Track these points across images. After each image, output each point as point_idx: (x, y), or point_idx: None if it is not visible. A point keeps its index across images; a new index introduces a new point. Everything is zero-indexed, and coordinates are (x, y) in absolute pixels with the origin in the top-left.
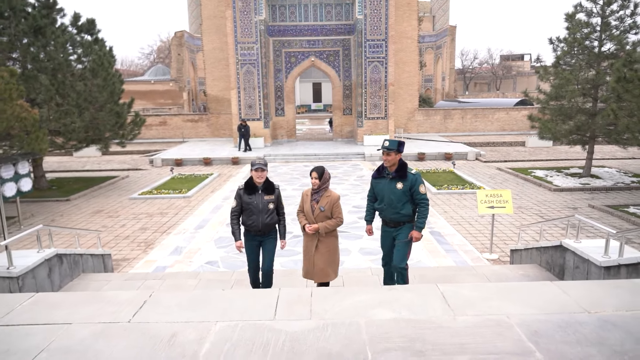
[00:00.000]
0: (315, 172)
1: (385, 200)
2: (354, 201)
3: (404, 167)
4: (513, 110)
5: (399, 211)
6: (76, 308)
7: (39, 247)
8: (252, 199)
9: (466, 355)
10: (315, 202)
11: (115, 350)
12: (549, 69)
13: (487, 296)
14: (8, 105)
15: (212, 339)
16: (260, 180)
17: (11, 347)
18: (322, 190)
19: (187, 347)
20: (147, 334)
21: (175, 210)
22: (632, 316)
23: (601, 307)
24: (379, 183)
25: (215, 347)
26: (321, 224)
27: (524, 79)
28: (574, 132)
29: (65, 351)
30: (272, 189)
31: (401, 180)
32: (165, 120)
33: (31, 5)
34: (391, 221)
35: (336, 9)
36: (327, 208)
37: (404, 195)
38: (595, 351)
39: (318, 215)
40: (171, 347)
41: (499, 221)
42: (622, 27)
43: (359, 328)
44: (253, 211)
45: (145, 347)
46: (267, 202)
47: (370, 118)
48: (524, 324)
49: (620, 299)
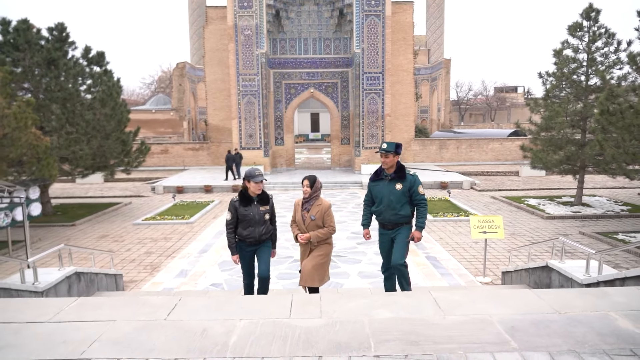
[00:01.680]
0: (307, 180)
1: (384, 202)
2: (353, 227)
3: (403, 169)
4: (507, 141)
5: (398, 212)
6: (117, 309)
7: (60, 264)
8: (248, 211)
9: (453, 344)
10: (306, 211)
11: (157, 341)
12: (539, 101)
13: (473, 300)
14: (23, 133)
15: (238, 332)
16: (259, 192)
17: (67, 339)
18: (313, 199)
19: (217, 339)
20: (182, 329)
21: (178, 235)
22: (595, 315)
23: (570, 309)
24: (377, 185)
25: (242, 339)
26: (312, 233)
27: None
28: (565, 162)
29: (114, 342)
30: (267, 199)
31: (400, 181)
32: (166, 149)
33: (45, 38)
34: (389, 223)
35: (335, 42)
36: (317, 217)
37: (404, 196)
38: (561, 342)
39: (309, 224)
40: (204, 338)
41: (491, 247)
42: (607, 63)
43: (362, 324)
44: (250, 223)
45: (182, 339)
46: (263, 213)
47: (367, 147)
48: (503, 322)
49: (587, 303)
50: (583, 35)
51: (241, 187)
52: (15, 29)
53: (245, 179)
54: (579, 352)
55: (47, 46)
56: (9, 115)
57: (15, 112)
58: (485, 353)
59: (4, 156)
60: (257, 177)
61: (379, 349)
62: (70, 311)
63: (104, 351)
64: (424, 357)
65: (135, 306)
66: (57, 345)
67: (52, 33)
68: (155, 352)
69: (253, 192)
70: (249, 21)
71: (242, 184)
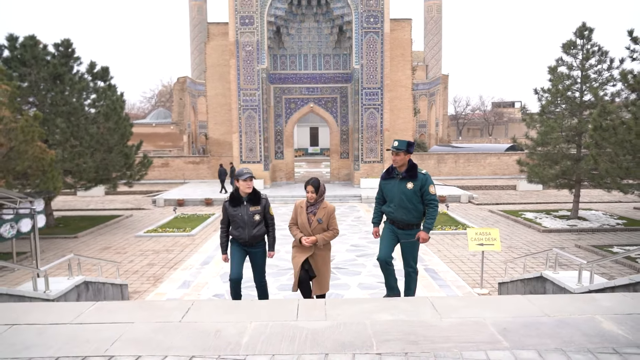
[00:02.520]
0: (311, 186)
1: (395, 201)
2: (352, 240)
3: (415, 167)
4: (504, 155)
5: (410, 211)
6: (134, 312)
7: (69, 274)
8: (237, 211)
9: (450, 344)
10: (312, 214)
11: (174, 341)
12: (535, 116)
13: (468, 305)
14: (29, 146)
15: (249, 333)
16: (248, 190)
17: (90, 338)
18: (319, 203)
19: (230, 339)
20: (196, 330)
21: (180, 247)
22: (582, 318)
23: (559, 313)
24: (388, 184)
25: (253, 339)
26: (319, 236)
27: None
28: (560, 177)
29: (134, 341)
30: (257, 199)
31: (412, 180)
32: (167, 162)
33: (51, 54)
34: (401, 222)
35: (334, 58)
36: (324, 220)
37: (415, 195)
38: (549, 341)
39: (315, 227)
40: (218, 338)
41: (489, 259)
42: (600, 80)
43: (365, 326)
44: (239, 223)
45: (197, 338)
46: (252, 214)
47: (366, 162)
48: (496, 324)
49: (575, 307)
50: (577, 53)
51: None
52: (22, 45)
53: (235, 178)
54: (565, 351)
55: (53, 62)
56: (17, 128)
57: (22, 125)
58: (479, 351)
59: (10, 169)
60: (245, 174)
61: (381, 348)
62: (90, 314)
63: (126, 349)
64: (422, 355)
65: (150, 310)
66: (81, 343)
67: (58, 49)
68: (173, 350)
69: (243, 192)
70: (250, 37)
71: (234, 185)
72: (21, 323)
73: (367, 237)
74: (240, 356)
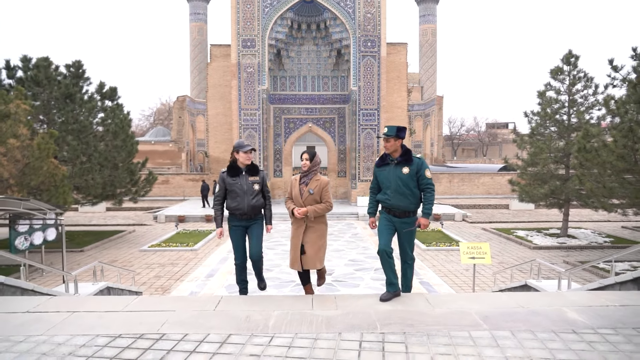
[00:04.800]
0: (306, 154)
1: (391, 187)
2: (350, 255)
3: (409, 152)
4: (497, 175)
5: (407, 197)
6: (173, 303)
7: (94, 279)
8: (235, 181)
9: (440, 326)
10: (304, 184)
11: (212, 323)
12: (525, 138)
13: (456, 299)
14: (44, 162)
15: (274, 318)
16: (248, 162)
17: (142, 321)
18: (312, 174)
19: (259, 322)
20: (229, 316)
21: (184, 261)
22: (551, 309)
23: (532, 305)
24: (383, 171)
25: (278, 322)
26: (310, 207)
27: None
28: (550, 196)
29: (179, 324)
30: (256, 170)
31: (407, 164)
32: (167, 179)
33: (62, 74)
34: (398, 209)
35: (332, 80)
36: (316, 191)
37: (411, 180)
38: (521, 325)
39: (307, 198)
40: (248, 322)
41: (480, 273)
42: (586, 104)
43: (369, 314)
44: (237, 193)
45: (231, 321)
46: (251, 183)
47: (363, 180)
48: (479, 313)
49: (546, 301)
50: (564, 79)
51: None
52: (35, 66)
53: (234, 150)
54: (533, 331)
55: (65, 82)
56: (33, 145)
57: (39, 142)
58: (463, 331)
59: (25, 183)
60: (246, 147)
61: (384, 329)
62: (136, 304)
63: (174, 329)
64: (418, 334)
65: (187, 302)
66: (136, 325)
67: (69, 69)
68: (213, 329)
69: (242, 163)
70: (251, 59)
71: (231, 156)
72: (80, 310)
73: (364, 252)
74: (269, 335)
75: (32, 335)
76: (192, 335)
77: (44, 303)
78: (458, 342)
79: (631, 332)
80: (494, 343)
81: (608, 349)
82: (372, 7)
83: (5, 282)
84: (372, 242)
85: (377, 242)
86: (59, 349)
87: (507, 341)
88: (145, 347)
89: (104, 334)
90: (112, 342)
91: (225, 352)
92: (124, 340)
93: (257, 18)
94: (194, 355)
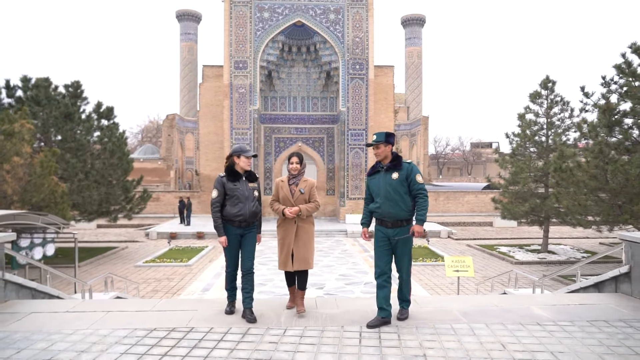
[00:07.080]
0: (296, 157)
1: (382, 194)
2: (340, 271)
3: (399, 157)
4: (481, 194)
5: (397, 204)
6: (194, 304)
7: (105, 289)
8: (237, 186)
9: (427, 320)
10: (295, 185)
11: (233, 319)
12: (507, 157)
13: (441, 300)
14: (46, 179)
15: (284, 315)
16: (248, 167)
17: (171, 318)
18: (300, 175)
19: (272, 319)
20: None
21: (179, 276)
22: (520, 307)
23: (505, 304)
24: (373, 179)
25: (288, 319)
26: (302, 207)
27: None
28: (530, 213)
29: (204, 319)
30: (254, 176)
31: (396, 169)
32: (158, 197)
33: (62, 94)
34: (389, 218)
35: (322, 101)
36: (306, 191)
37: (401, 186)
38: (495, 319)
39: (298, 197)
40: (263, 318)
41: (464, 286)
42: (563, 127)
43: (367, 312)
44: (240, 198)
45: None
46: (252, 190)
47: (351, 198)
48: (459, 310)
49: (517, 301)
50: (542, 102)
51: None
52: (35, 86)
53: (234, 154)
54: (504, 324)
55: (64, 102)
56: (35, 163)
57: (42, 160)
58: (446, 324)
59: (27, 200)
60: (248, 152)
61: None
62: (162, 305)
63: (200, 324)
64: (408, 327)
65: (206, 303)
66: (167, 321)
67: (68, 89)
68: (235, 324)
69: (242, 168)
70: (243, 80)
71: (230, 160)
72: (114, 310)
73: (354, 267)
74: (282, 328)
75: (79, 329)
76: (218, 329)
77: (80, 304)
78: (441, 332)
79: (585, 324)
80: (471, 332)
81: (564, 336)
82: (360, 31)
83: (37, 288)
84: (362, 258)
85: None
86: (105, 339)
87: (482, 331)
88: (179, 337)
89: (141, 327)
90: (150, 334)
91: (248, 340)
92: (160, 332)
93: (249, 41)
94: (222, 343)
